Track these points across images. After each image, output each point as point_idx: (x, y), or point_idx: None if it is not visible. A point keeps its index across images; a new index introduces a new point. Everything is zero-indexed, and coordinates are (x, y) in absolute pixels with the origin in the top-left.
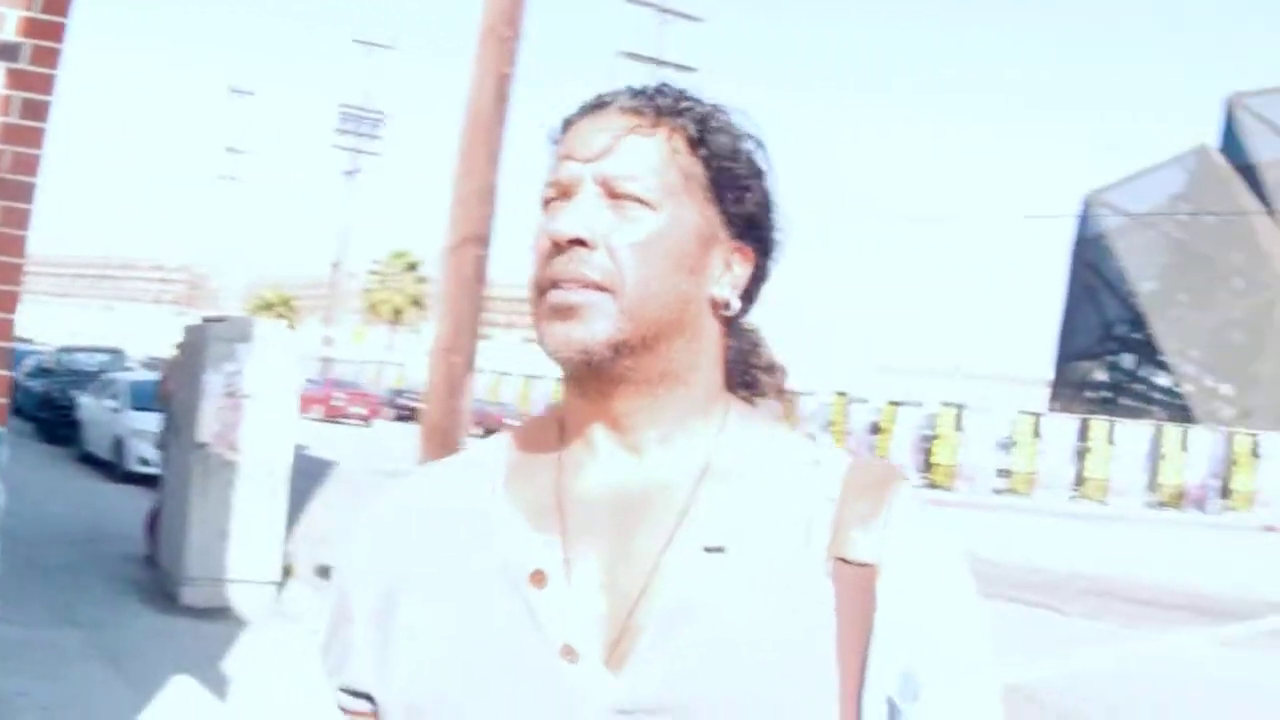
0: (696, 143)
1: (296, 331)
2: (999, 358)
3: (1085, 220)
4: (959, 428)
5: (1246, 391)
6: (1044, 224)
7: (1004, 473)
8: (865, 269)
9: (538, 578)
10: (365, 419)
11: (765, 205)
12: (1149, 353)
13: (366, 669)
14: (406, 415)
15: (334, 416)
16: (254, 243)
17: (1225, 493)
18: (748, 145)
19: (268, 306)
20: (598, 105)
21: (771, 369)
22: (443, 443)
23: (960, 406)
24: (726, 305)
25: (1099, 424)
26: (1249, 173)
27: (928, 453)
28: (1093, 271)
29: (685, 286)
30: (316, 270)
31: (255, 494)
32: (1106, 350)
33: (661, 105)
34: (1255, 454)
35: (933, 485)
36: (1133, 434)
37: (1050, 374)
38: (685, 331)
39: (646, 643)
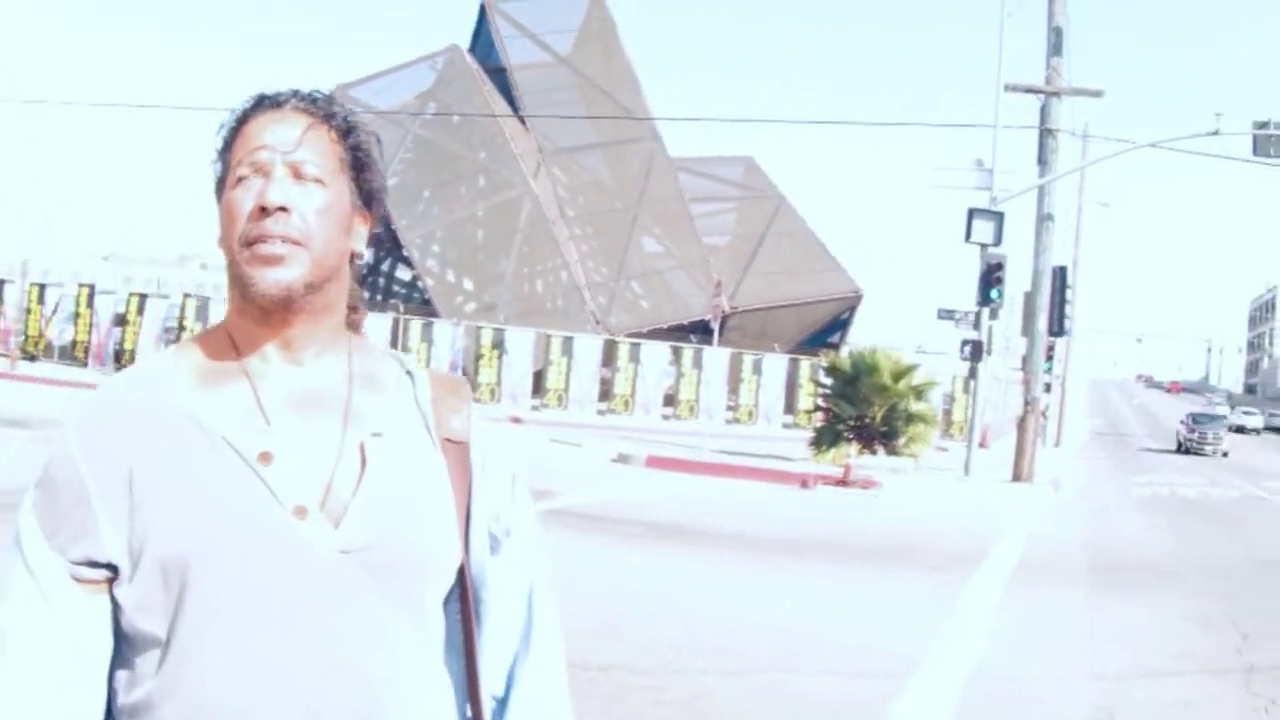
0: (345, 135)
1: None
2: None
3: None
4: (201, 319)
5: (488, 287)
6: None
7: None
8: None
9: (265, 457)
10: None
11: (381, 182)
12: (391, 247)
13: (111, 541)
14: None
15: None
16: None
17: (470, 385)
18: (371, 139)
19: None
20: (273, 105)
21: (356, 306)
22: None
23: (205, 298)
24: (359, 256)
25: None
26: (499, 75)
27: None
28: None
29: (342, 243)
30: None
31: None
32: None
33: (323, 108)
34: (497, 347)
35: None
36: (375, 326)
37: None
38: (338, 276)
39: (355, 503)
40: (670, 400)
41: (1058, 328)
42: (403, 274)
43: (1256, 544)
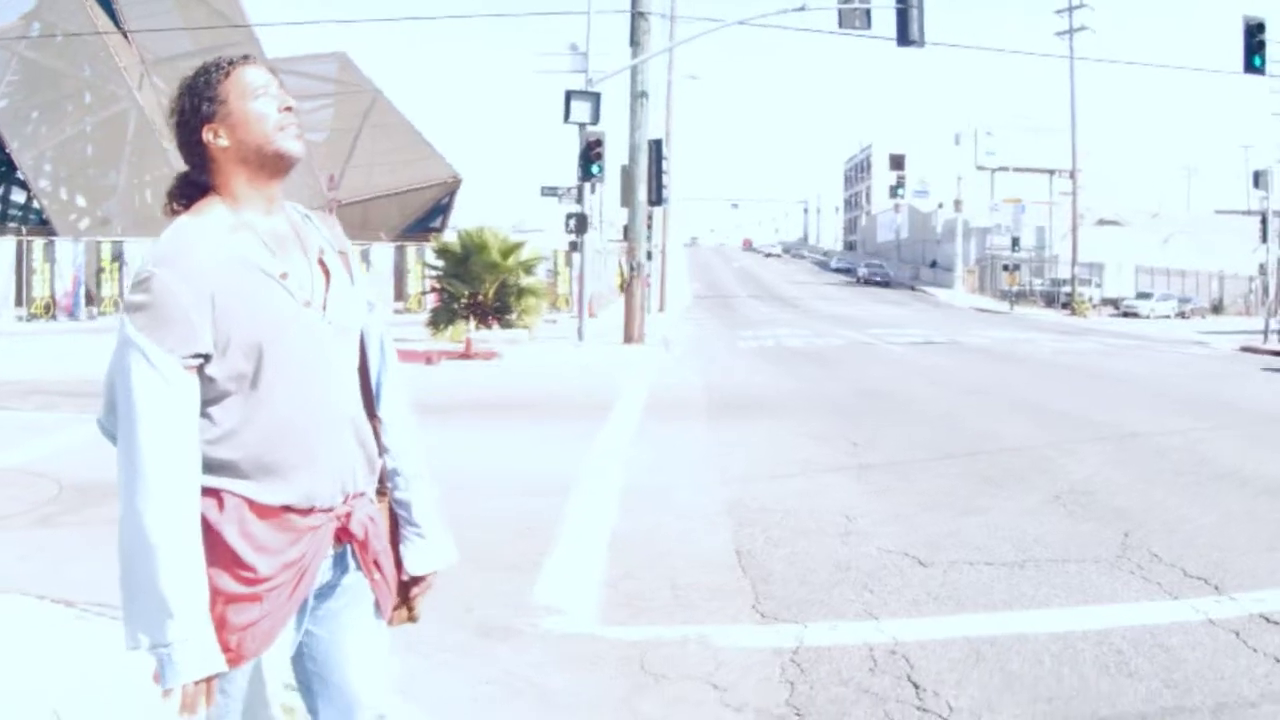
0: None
1: None
2: None
3: None
4: None
5: (101, 201)
6: None
7: None
8: None
9: (284, 276)
10: None
11: None
12: (5, 170)
13: (207, 338)
14: None
15: None
16: None
17: (93, 299)
18: None
19: None
20: (252, 62)
21: None
22: None
23: None
24: None
25: None
26: None
27: None
28: None
29: None
30: None
31: None
32: None
33: (266, 64)
34: (117, 260)
35: None
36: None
37: None
38: None
39: (330, 296)
40: None
41: (656, 197)
42: (18, 196)
43: (859, 380)
